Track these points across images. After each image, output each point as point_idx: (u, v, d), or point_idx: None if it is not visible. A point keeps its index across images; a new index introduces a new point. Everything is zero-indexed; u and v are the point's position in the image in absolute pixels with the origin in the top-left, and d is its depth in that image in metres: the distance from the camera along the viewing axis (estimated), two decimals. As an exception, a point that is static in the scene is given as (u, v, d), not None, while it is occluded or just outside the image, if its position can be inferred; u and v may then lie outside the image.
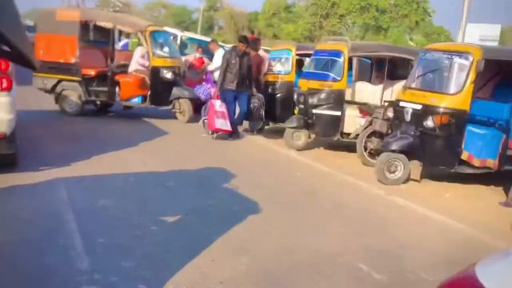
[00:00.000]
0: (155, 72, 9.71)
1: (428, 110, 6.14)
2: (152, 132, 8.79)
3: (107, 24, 10.13)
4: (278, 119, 9.35)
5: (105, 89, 9.96)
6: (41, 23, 10.23)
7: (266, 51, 11.43)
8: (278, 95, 9.34)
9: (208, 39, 15.25)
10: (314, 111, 7.88)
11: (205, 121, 8.83)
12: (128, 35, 17.42)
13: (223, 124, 8.48)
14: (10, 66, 5.71)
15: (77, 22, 9.74)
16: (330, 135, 8.05)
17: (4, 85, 5.66)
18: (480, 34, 29.37)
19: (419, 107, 6.26)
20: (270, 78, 9.45)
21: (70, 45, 9.68)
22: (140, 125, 9.81)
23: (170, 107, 10.16)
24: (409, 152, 6.40)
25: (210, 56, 11.66)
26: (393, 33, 40.20)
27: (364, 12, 40.40)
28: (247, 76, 8.74)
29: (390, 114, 6.79)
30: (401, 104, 6.59)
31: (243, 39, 8.85)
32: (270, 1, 48.78)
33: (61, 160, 6.27)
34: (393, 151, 6.39)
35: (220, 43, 12.94)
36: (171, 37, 12.56)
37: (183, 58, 11.27)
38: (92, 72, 9.96)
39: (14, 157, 5.94)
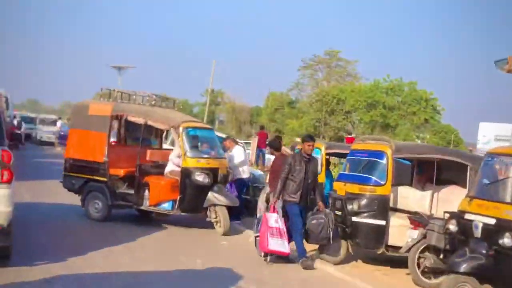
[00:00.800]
0: (186, 174, 8.87)
1: (503, 225, 5.42)
2: (170, 249, 7.92)
3: (138, 119, 9.46)
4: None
5: (133, 191, 9.30)
6: (74, 118, 10.18)
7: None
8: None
9: (222, 134, 14.72)
10: (354, 219, 7.19)
11: (257, 239, 7.45)
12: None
13: (280, 244, 7.07)
14: (12, 158, 5.96)
15: (108, 118, 9.44)
16: (372, 248, 7.33)
17: (5, 177, 5.86)
18: (495, 134, 29.56)
19: (491, 221, 5.52)
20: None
21: (99, 142, 9.39)
22: (165, 235, 8.98)
23: (206, 215, 9.08)
24: (481, 275, 5.55)
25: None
26: (401, 130, 40.36)
27: (371, 109, 40.80)
28: (313, 185, 7.39)
29: (452, 227, 6.02)
30: (467, 216, 5.85)
31: (309, 139, 7.40)
32: (273, 96, 49.60)
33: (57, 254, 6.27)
34: (463, 273, 5.55)
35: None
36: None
37: None
38: (121, 172, 9.42)
39: (9, 250, 6.07)
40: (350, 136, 19.72)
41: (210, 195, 8.87)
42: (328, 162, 10.49)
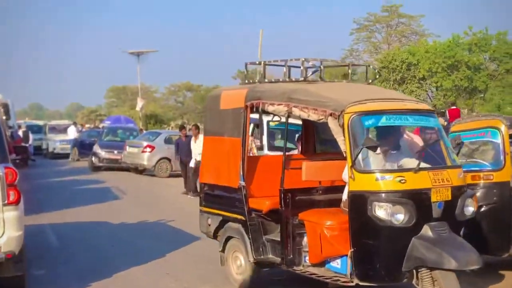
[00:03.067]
0: (357, 205, 5.74)
1: None
2: None
3: (279, 108, 6.51)
4: (490, 249, 7.16)
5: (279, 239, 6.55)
6: (207, 118, 7.95)
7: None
8: (485, 209, 7.16)
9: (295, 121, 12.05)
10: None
11: None
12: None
13: None
14: (17, 176, 6.17)
15: (241, 111, 6.89)
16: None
17: (12, 197, 6.08)
18: None
19: None
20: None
21: (233, 154, 6.98)
22: None
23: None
24: None
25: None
26: (494, 94, 36.92)
27: (453, 72, 37.42)
28: None
29: None
30: None
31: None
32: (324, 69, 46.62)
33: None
34: None
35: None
36: (251, 125, 9.65)
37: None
38: (266, 204, 6.67)
39: (22, 280, 6.34)
40: (453, 107, 16.76)
41: (416, 245, 5.60)
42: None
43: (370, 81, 7.48)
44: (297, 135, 10.95)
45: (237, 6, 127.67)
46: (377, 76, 8.64)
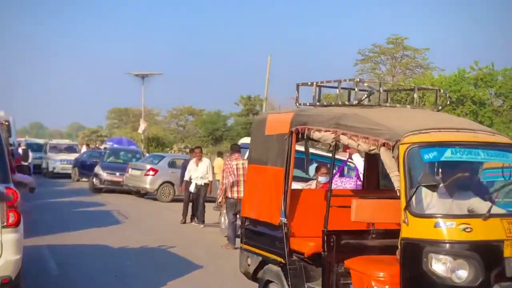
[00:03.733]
0: (411, 257, 4.82)
1: None
2: None
3: (325, 136, 5.73)
4: None
5: None
6: (252, 144, 7.13)
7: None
8: None
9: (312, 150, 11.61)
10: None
11: None
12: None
13: None
14: (18, 197, 6.02)
15: (286, 137, 6.12)
16: None
17: (12, 219, 5.88)
18: None
19: None
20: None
21: (275, 186, 6.15)
22: None
23: None
24: None
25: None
26: (498, 130, 36.55)
27: (458, 106, 37.14)
28: None
29: None
30: None
31: None
32: (327, 99, 46.31)
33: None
34: None
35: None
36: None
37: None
38: (309, 245, 5.85)
39: None
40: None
41: None
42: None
43: (440, 107, 6.43)
44: (316, 165, 10.38)
45: (243, 33, 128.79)
46: (448, 103, 7.79)
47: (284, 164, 6.00)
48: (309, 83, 6.51)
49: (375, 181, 7.07)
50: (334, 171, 8.54)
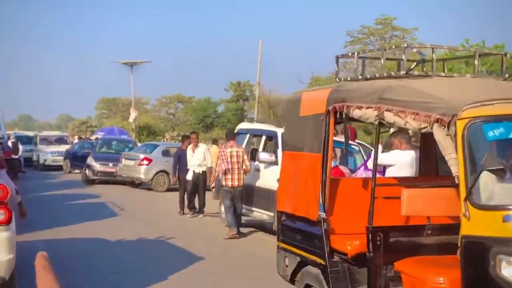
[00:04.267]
0: (473, 259, 3.99)
1: None
2: None
3: (367, 113, 4.86)
4: None
5: None
6: (285, 128, 6.35)
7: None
8: None
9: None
10: None
11: None
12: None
13: None
14: (9, 193, 5.74)
15: (322, 118, 5.30)
16: None
17: (2, 217, 5.63)
18: None
19: None
20: None
21: (311, 176, 5.34)
22: None
23: None
24: None
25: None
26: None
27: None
28: None
29: None
30: None
31: None
32: (318, 82, 45.86)
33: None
34: None
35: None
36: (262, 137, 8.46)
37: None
38: (353, 244, 5.02)
39: None
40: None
41: None
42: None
43: (507, 76, 5.33)
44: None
45: (233, 19, 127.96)
46: None
47: (321, 149, 5.19)
48: (350, 54, 5.87)
49: (432, 166, 6.10)
50: (360, 163, 7.80)
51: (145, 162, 19.80)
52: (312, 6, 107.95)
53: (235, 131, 13.14)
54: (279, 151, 10.89)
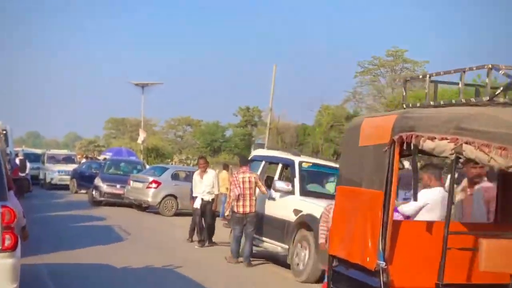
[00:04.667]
0: None
1: None
2: None
3: (440, 145, 4.23)
4: None
5: None
6: (342, 159, 5.77)
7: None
8: None
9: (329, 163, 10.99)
10: None
11: None
12: None
13: None
14: (16, 217, 5.44)
15: (385, 149, 4.66)
16: None
17: (8, 242, 5.30)
18: None
19: None
20: None
21: (370, 216, 4.68)
22: None
23: None
24: None
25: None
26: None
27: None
28: None
29: None
30: None
31: None
32: (327, 111, 45.67)
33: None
34: None
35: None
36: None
37: None
38: None
39: None
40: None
41: None
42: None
43: None
44: (332, 179, 9.55)
45: (243, 43, 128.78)
46: None
47: (383, 185, 4.53)
48: (420, 76, 5.22)
49: None
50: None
51: (154, 185, 19.38)
52: (325, 34, 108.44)
53: (250, 158, 12.79)
54: (296, 180, 10.51)
